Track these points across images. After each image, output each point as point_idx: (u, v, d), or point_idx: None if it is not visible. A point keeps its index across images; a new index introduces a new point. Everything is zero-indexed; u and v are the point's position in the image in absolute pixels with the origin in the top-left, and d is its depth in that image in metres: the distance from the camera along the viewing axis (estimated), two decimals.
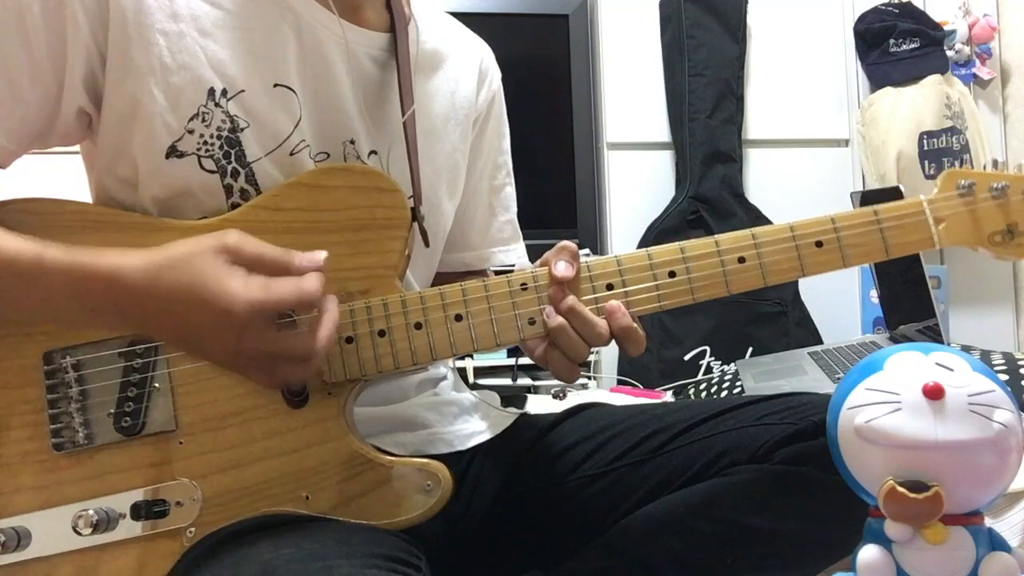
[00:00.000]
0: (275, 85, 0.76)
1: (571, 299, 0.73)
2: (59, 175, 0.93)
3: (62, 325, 0.71)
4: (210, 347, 0.66)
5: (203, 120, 0.73)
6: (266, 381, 0.69)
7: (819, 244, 0.76)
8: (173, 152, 0.73)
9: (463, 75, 0.93)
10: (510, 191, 1.03)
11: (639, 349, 0.74)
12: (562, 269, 0.73)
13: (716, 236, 0.76)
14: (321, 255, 0.68)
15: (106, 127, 0.73)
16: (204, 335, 0.65)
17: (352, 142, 0.81)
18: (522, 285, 0.75)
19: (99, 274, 0.64)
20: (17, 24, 0.69)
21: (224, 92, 0.74)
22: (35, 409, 0.70)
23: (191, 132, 0.73)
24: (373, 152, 0.82)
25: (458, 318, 0.74)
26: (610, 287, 0.75)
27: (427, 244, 0.83)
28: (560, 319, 0.73)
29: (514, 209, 1.03)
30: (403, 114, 0.82)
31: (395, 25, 0.84)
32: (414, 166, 0.82)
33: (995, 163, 0.80)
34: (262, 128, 0.75)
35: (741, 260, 0.75)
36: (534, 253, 0.80)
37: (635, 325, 0.73)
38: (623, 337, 0.73)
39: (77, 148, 0.81)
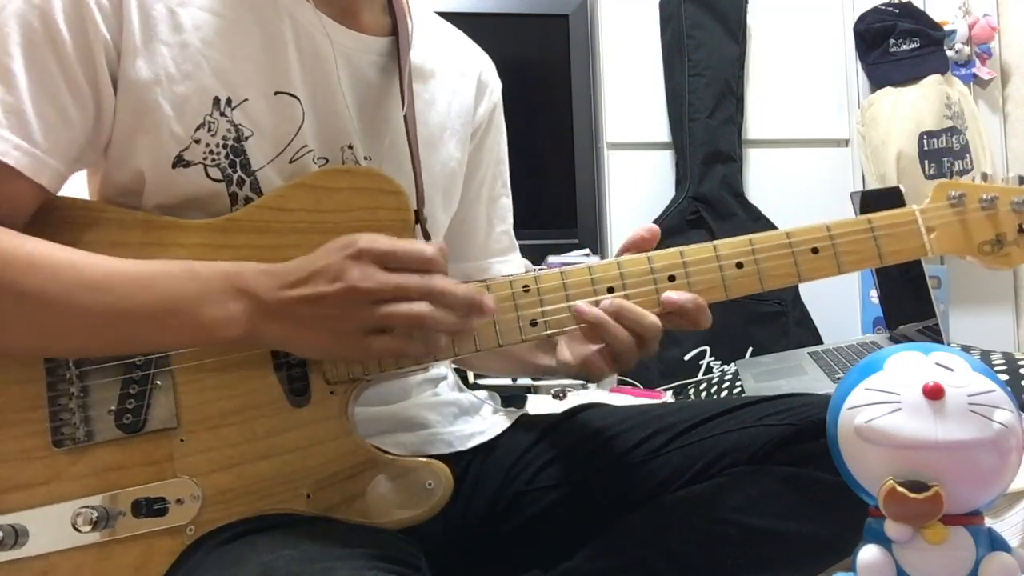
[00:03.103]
0: (276, 92, 0.76)
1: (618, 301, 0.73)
2: None
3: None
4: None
5: (209, 129, 0.73)
6: (362, 347, 0.67)
7: (815, 251, 0.77)
8: (180, 161, 0.73)
9: (461, 86, 0.93)
10: (506, 202, 1.02)
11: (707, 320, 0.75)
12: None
13: (715, 242, 0.77)
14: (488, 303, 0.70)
15: (112, 136, 0.73)
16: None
17: (350, 147, 0.81)
18: (524, 287, 0.75)
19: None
20: (47, 40, 0.69)
21: (228, 101, 0.74)
22: (35, 406, 0.70)
23: (197, 142, 0.73)
24: (367, 158, 0.82)
25: None
26: (611, 290, 0.75)
27: None
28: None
29: (511, 220, 1.03)
30: (403, 114, 0.82)
31: (396, 30, 0.84)
32: (416, 168, 0.82)
33: (984, 176, 0.83)
34: (265, 136, 0.76)
35: (739, 266, 0.76)
36: (535, 253, 0.81)
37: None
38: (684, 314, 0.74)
39: None
